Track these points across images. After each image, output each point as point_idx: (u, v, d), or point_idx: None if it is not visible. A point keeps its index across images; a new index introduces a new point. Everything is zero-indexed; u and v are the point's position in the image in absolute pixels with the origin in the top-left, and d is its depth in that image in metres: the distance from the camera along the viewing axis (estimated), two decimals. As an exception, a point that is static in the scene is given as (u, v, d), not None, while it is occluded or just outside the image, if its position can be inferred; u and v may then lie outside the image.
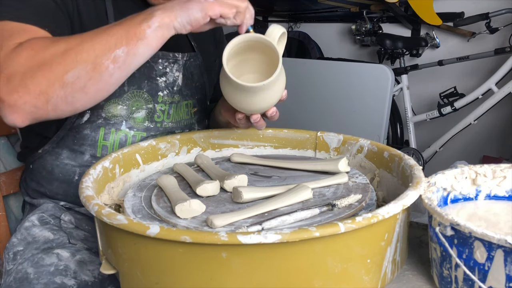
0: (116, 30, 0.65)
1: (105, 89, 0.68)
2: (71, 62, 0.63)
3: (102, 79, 0.66)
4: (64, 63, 0.63)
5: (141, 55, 0.67)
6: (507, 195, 0.66)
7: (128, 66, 0.67)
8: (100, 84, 0.66)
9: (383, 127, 1.97)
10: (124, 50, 0.65)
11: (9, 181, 0.97)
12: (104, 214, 0.51)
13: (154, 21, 0.65)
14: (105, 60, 0.64)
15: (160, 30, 0.66)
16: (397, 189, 0.69)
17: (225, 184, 0.68)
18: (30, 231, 0.80)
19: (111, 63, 0.65)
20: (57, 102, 0.65)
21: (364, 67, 2.11)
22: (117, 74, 0.66)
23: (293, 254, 0.48)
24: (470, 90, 2.13)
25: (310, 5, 2.62)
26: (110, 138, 0.84)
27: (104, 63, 0.64)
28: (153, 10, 0.66)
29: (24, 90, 0.63)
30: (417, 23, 2.41)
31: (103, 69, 0.65)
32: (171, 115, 0.89)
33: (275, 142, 0.89)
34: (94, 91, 0.67)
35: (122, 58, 0.65)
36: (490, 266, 0.48)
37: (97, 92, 0.67)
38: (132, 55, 0.66)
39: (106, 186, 0.71)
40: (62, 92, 0.64)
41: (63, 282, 0.70)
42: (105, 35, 0.65)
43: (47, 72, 0.63)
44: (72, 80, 0.64)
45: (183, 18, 0.66)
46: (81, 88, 0.65)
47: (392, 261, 0.56)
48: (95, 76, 0.65)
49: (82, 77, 0.64)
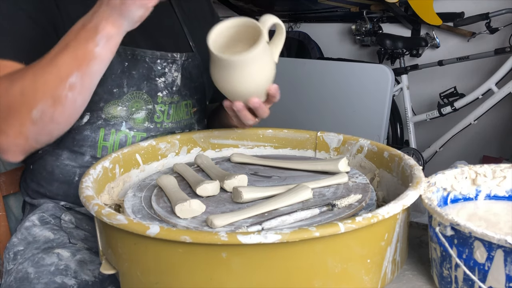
0: (64, 58, 0.64)
1: (75, 113, 0.70)
2: (32, 101, 0.65)
3: (66, 108, 0.67)
4: (26, 103, 0.65)
5: (96, 72, 0.67)
6: (507, 195, 0.66)
7: (88, 88, 0.67)
8: (66, 112, 0.68)
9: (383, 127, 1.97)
10: (78, 75, 0.64)
11: (9, 181, 0.97)
12: (104, 214, 0.51)
13: (101, 37, 0.64)
14: (61, 91, 0.65)
15: (109, 42, 0.65)
16: (397, 189, 0.69)
17: (225, 184, 0.68)
18: (31, 231, 0.80)
19: (69, 92, 0.65)
20: (35, 136, 0.68)
21: (364, 67, 2.11)
22: (80, 98, 0.67)
23: (293, 254, 0.48)
24: (470, 90, 2.13)
25: (310, 5, 2.62)
26: (110, 139, 0.84)
27: (62, 94, 0.65)
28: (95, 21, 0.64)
29: (3, 135, 0.67)
30: (417, 23, 2.41)
31: (63, 100, 0.65)
32: (171, 115, 0.89)
33: (275, 142, 0.89)
34: (65, 119, 0.69)
35: (79, 83, 0.65)
36: (490, 266, 0.48)
37: (68, 119, 0.69)
38: (87, 76, 0.66)
39: (106, 186, 0.71)
40: (35, 128, 0.67)
41: (63, 282, 0.70)
42: (54, 66, 0.64)
43: (15, 114, 0.66)
44: (39, 116, 0.66)
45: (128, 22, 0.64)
46: (50, 121, 0.67)
47: (392, 261, 0.56)
48: (59, 108, 0.66)
49: (46, 111, 0.66)
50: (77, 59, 0.64)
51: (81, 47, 0.64)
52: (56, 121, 0.68)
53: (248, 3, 2.75)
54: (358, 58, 2.63)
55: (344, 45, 2.73)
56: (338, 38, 2.76)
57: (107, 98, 0.81)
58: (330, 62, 2.22)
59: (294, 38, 2.75)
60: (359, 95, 2.04)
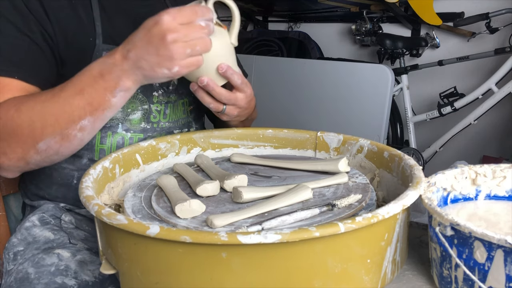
0: (78, 101, 0.64)
1: (80, 147, 0.71)
2: (39, 135, 0.66)
3: (73, 144, 0.68)
4: (33, 135, 0.66)
5: (107, 117, 0.68)
6: (507, 195, 0.66)
7: (97, 129, 0.69)
8: (72, 148, 0.70)
9: (383, 127, 1.97)
10: (90, 119, 0.66)
11: (9, 181, 0.97)
12: (104, 214, 0.51)
13: (120, 90, 0.65)
14: (72, 131, 0.66)
15: (125, 94, 0.66)
16: (397, 189, 0.69)
17: (225, 184, 0.68)
18: (31, 231, 0.80)
19: (78, 132, 0.66)
20: (37, 162, 0.69)
21: (364, 67, 2.12)
22: (87, 137, 0.69)
23: (293, 254, 0.48)
24: (470, 90, 2.13)
25: (310, 5, 2.62)
26: (107, 141, 0.83)
27: (71, 133, 0.66)
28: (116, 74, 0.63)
29: (4, 157, 0.68)
30: (417, 23, 2.41)
31: (71, 138, 0.67)
32: (167, 115, 0.89)
33: (275, 142, 0.89)
34: (69, 152, 0.71)
35: (90, 126, 0.67)
36: (490, 266, 0.48)
37: (72, 151, 0.71)
38: (99, 121, 0.67)
39: (106, 186, 0.71)
40: (39, 157, 0.68)
41: (63, 282, 0.70)
42: (67, 108, 0.65)
43: (20, 142, 0.66)
44: (45, 148, 0.67)
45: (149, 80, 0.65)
46: (55, 153, 0.68)
47: (392, 261, 0.56)
48: (65, 143, 0.67)
49: (52, 145, 0.67)
50: (92, 106, 0.65)
51: (99, 96, 0.64)
52: (60, 154, 0.70)
53: (248, 3, 2.75)
54: (358, 58, 2.63)
55: (344, 45, 2.73)
56: (338, 38, 2.76)
57: None
58: (330, 62, 2.22)
59: (294, 38, 2.75)
60: (359, 95, 2.05)
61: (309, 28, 2.82)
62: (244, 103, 0.79)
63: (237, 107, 0.79)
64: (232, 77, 0.74)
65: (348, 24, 2.65)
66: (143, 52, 0.62)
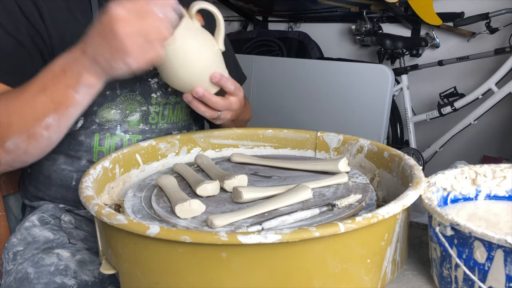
0: (41, 99, 0.63)
1: (49, 147, 0.69)
2: (6, 133, 0.65)
3: (40, 143, 0.66)
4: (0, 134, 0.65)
5: (73, 115, 0.66)
6: (507, 195, 0.66)
7: (64, 128, 0.67)
8: (40, 147, 0.68)
9: (383, 127, 1.97)
10: (55, 117, 0.64)
11: (9, 181, 0.97)
12: (104, 214, 0.51)
13: (82, 86, 0.62)
14: (37, 129, 0.64)
15: (89, 90, 0.63)
16: (397, 189, 0.69)
17: (225, 184, 0.68)
18: (30, 231, 0.80)
19: (44, 130, 0.65)
20: (9, 163, 0.68)
21: (364, 67, 2.12)
22: (54, 136, 0.67)
23: (293, 254, 0.48)
24: (470, 90, 2.13)
25: (310, 5, 2.62)
26: (106, 143, 0.83)
27: (37, 132, 0.64)
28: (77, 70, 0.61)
29: None
30: (417, 23, 2.41)
31: (38, 137, 0.65)
32: (166, 116, 0.89)
33: (275, 142, 0.89)
34: (39, 152, 0.69)
35: (55, 124, 0.65)
36: (490, 266, 0.48)
37: (42, 151, 0.69)
38: (64, 119, 0.65)
39: (106, 186, 0.71)
40: (9, 157, 0.67)
41: (63, 282, 0.70)
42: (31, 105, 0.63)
43: None
44: (13, 148, 0.65)
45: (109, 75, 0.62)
46: (24, 153, 0.67)
47: (392, 261, 0.56)
48: (32, 142, 0.66)
49: (20, 144, 0.65)
50: (55, 103, 0.63)
51: (60, 92, 0.62)
52: (30, 154, 0.68)
53: (248, 3, 2.75)
54: (358, 58, 2.63)
55: (344, 45, 2.73)
56: (338, 38, 2.76)
57: (100, 101, 0.81)
58: (330, 62, 2.22)
59: (294, 38, 2.75)
60: (359, 95, 2.05)
61: (309, 28, 2.82)
62: (237, 106, 0.79)
63: (231, 110, 0.79)
64: (226, 84, 0.74)
65: (348, 24, 2.65)
66: (97, 45, 0.59)
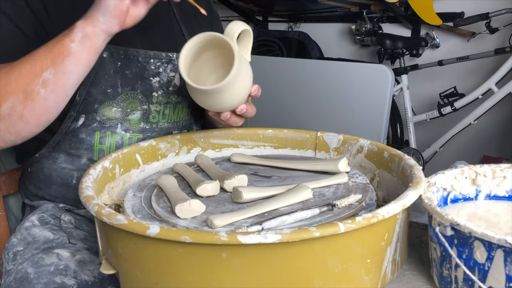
0: (40, 52, 0.64)
1: (45, 114, 0.68)
2: (3, 95, 0.64)
3: (37, 105, 0.65)
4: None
5: (72, 72, 0.65)
6: (507, 195, 0.66)
7: (62, 87, 0.66)
8: (37, 111, 0.66)
9: (383, 127, 1.97)
10: (52, 71, 0.64)
11: (9, 181, 0.97)
12: (104, 214, 0.51)
13: (77, 32, 0.64)
14: (34, 86, 0.64)
15: (86, 40, 0.64)
16: (397, 189, 0.69)
17: (225, 184, 0.68)
18: (30, 231, 0.80)
19: (41, 88, 0.64)
20: (2, 134, 0.66)
21: (364, 67, 2.11)
22: (52, 97, 0.66)
23: (293, 254, 0.48)
24: (470, 90, 2.13)
25: (310, 5, 2.62)
26: (106, 141, 0.83)
27: (34, 90, 0.64)
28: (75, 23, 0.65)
29: None
30: (417, 23, 2.41)
31: (34, 96, 0.64)
32: (166, 115, 0.89)
33: (275, 142, 0.89)
34: (34, 119, 0.67)
35: (52, 80, 0.64)
36: (490, 266, 0.48)
37: (37, 118, 0.68)
38: (62, 74, 0.65)
39: (106, 186, 0.71)
40: (2, 125, 0.65)
41: (63, 282, 0.70)
42: (30, 60, 0.64)
43: None
44: (8, 112, 0.64)
45: (105, 16, 0.64)
46: (19, 118, 0.65)
47: (392, 261, 0.56)
48: (29, 104, 0.65)
49: (16, 107, 0.64)
50: (52, 53, 0.64)
51: (58, 43, 0.64)
52: (25, 119, 0.66)
53: (248, 3, 2.75)
54: (358, 58, 2.63)
55: (344, 45, 2.73)
56: (338, 38, 2.76)
57: (101, 99, 0.81)
58: (330, 62, 2.22)
59: (294, 38, 2.75)
60: (359, 95, 2.04)
61: (309, 28, 2.82)
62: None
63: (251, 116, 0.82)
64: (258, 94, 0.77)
65: (348, 24, 2.65)
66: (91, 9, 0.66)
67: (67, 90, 0.67)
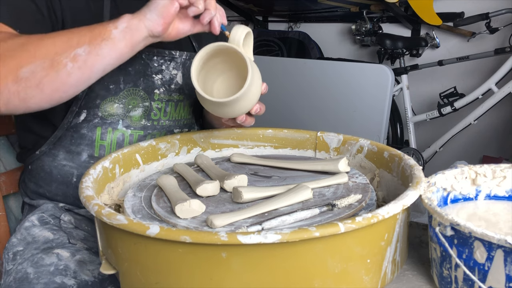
0: (82, 29, 0.64)
1: (62, 89, 0.66)
2: (28, 57, 0.62)
3: (59, 77, 0.64)
4: (20, 58, 0.62)
5: (105, 57, 0.65)
6: (507, 195, 0.66)
7: (90, 67, 0.65)
8: (56, 83, 0.64)
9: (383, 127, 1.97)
10: (86, 49, 0.63)
11: (9, 181, 0.97)
12: (104, 214, 0.51)
13: (122, 21, 0.65)
14: (64, 58, 0.63)
15: (128, 31, 0.65)
16: (397, 189, 0.69)
17: (225, 184, 0.68)
18: (30, 231, 0.80)
19: (70, 61, 0.63)
20: (9, 97, 0.63)
21: (364, 67, 2.11)
22: (76, 75, 0.65)
23: (293, 254, 0.48)
24: (470, 90, 2.13)
25: (310, 5, 2.62)
26: (107, 137, 0.84)
27: (62, 61, 0.63)
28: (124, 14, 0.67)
29: None
30: (417, 23, 2.41)
31: (60, 67, 0.63)
32: (168, 113, 0.89)
33: (275, 142, 0.89)
34: (50, 90, 0.65)
35: (83, 57, 0.63)
36: (490, 266, 0.48)
37: (53, 91, 0.65)
38: (94, 55, 0.64)
39: (106, 186, 0.70)
40: (15, 87, 0.62)
41: (63, 282, 0.70)
42: (69, 33, 0.64)
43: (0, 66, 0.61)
44: (27, 75, 0.62)
45: (152, 13, 0.66)
46: (36, 85, 0.63)
47: (392, 261, 0.56)
48: (52, 73, 0.63)
49: (37, 72, 0.62)
50: (92, 33, 0.64)
51: (101, 26, 0.65)
52: (41, 87, 0.64)
53: (248, 3, 2.75)
54: (358, 58, 2.63)
55: (344, 45, 2.73)
56: (338, 38, 2.76)
57: (103, 94, 0.81)
58: (330, 62, 2.22)
59: (294, 38, 2.75)
60: (359, 95, 2.04)
61: (309, 28, 2.82)
62: None
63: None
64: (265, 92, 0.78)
65: (348, 24, 2.65)
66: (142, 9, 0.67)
67: (92, 73, 0.66)
